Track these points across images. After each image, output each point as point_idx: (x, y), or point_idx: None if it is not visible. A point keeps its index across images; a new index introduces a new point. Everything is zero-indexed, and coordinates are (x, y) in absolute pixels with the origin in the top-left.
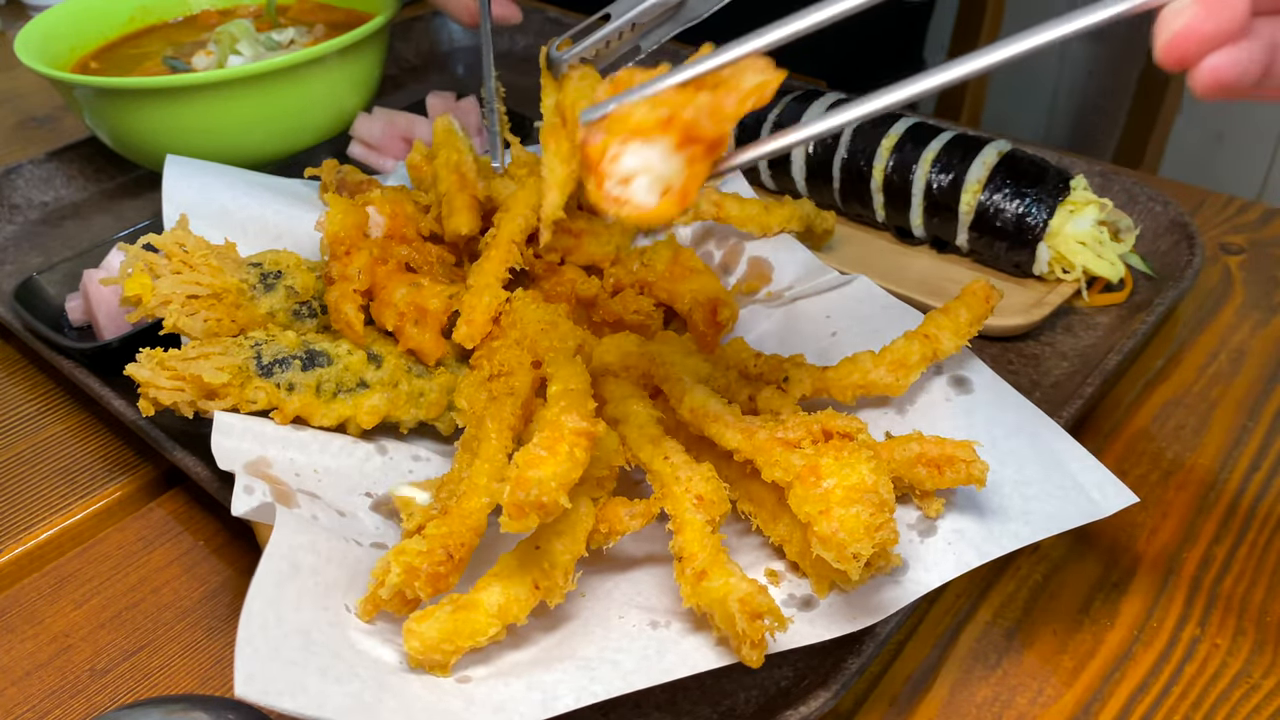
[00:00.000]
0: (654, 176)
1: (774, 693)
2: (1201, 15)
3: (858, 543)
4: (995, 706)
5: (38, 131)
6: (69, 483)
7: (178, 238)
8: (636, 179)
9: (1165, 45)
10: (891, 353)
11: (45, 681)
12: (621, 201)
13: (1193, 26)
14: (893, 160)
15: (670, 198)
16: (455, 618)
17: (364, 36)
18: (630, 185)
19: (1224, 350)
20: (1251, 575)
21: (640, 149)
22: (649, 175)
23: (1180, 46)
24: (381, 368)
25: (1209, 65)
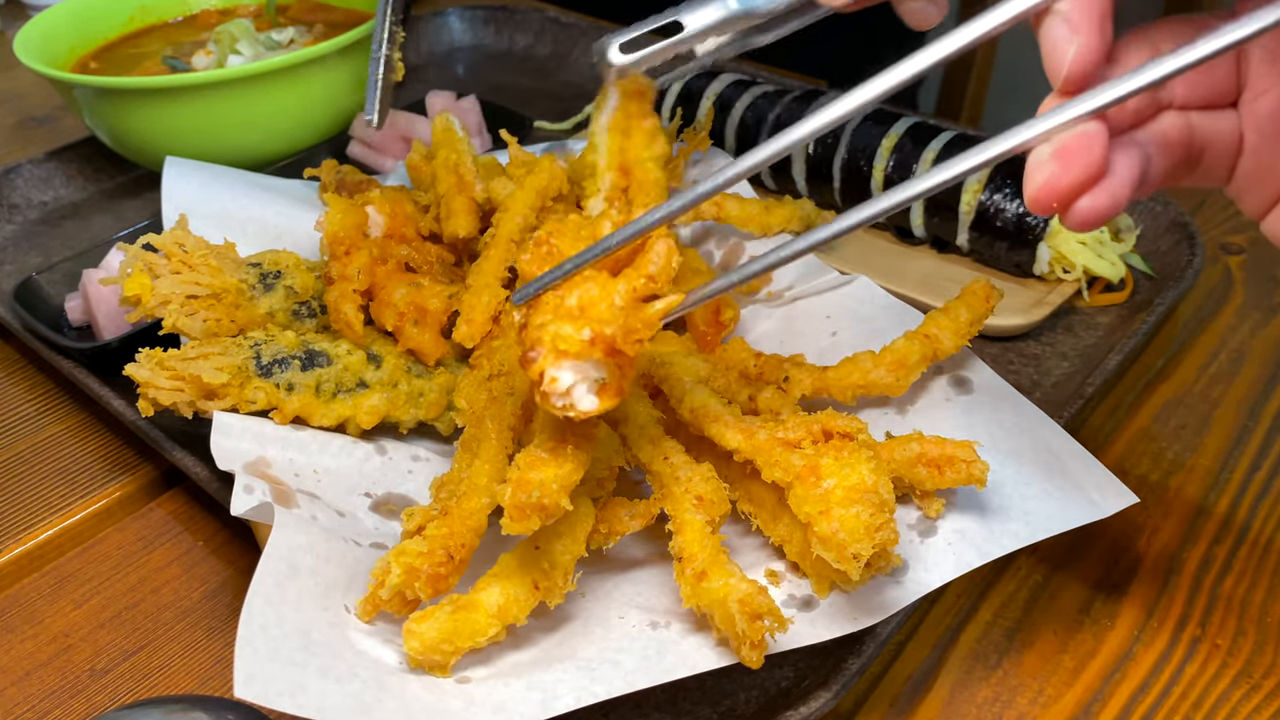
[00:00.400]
0: (590, 382)
1: (774, 693)
2: (1058, 171)
3: (858, 543)
4: (996, 706)
5: (37, 131)
6: (69, 483)
7: (177, 238)
8: (575, 389)
9: (1031, 198)
10: (892, 353)
11: (45, 681)
12: (567, 408)
13: (1051, 183)
14: (893, 160)
15: (607, 394)
16: (455, 618)
17: (364, 36)
18: (571, 395)
19: (1224, 350)
20: (1252, 575)
21: (572, 365)
22: (585, 383)
23: (1044, 199)
24: (381, 368)
25: (1076, 211)
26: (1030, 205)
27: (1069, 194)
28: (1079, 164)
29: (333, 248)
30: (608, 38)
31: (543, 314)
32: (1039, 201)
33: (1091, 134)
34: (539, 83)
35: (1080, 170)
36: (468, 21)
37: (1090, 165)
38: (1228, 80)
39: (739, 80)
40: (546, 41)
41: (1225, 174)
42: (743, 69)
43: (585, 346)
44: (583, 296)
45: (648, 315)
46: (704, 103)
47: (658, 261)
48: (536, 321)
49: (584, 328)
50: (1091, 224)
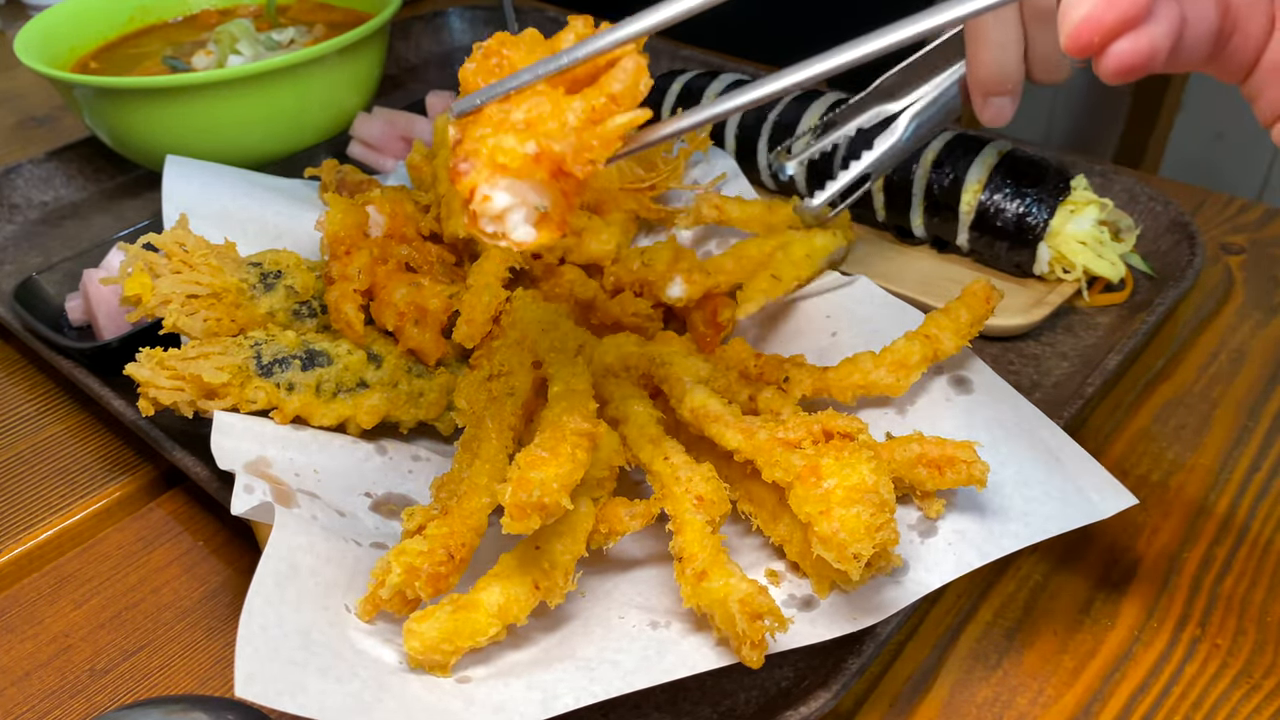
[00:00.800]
0: (528, 209)
1: (774, 693)
2: (1103, 5)
3: (858, 543)
4: (996, 707)
5: (37, 131)
6: (69, 483)
7: (177, 237)
8: (510, 214)
9: (1069, 34)
10: (892, 353)
11: (45, 682)
12: (498, 237)
13: (1093, 15)
14: None
15: (548, 226)
16: (455, 618)
17: (364, 36)
18: (505, 221)
19: (1224, 350)
20: (1252, 575)
21: (511, 185)
22: (523, 209)
23: (1084, 35)
24: (381, 368)
25: (1114, 53)
26: (1068, 42)
27: (1113, 29)
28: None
29: (333, 247)
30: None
31: (482, 126)
32: (1080, 36)
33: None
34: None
35: (1127, 4)
36: (468, 21)
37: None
38: None
39: (739, 80)
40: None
41: (1249, 63)
42: (743, 69)
43: (528, 162)
44: (531, 111)
45: (605, 131)
46: (704, 102)
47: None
48: (474, 133)
49: (528, 140)
50: (1129, 70)
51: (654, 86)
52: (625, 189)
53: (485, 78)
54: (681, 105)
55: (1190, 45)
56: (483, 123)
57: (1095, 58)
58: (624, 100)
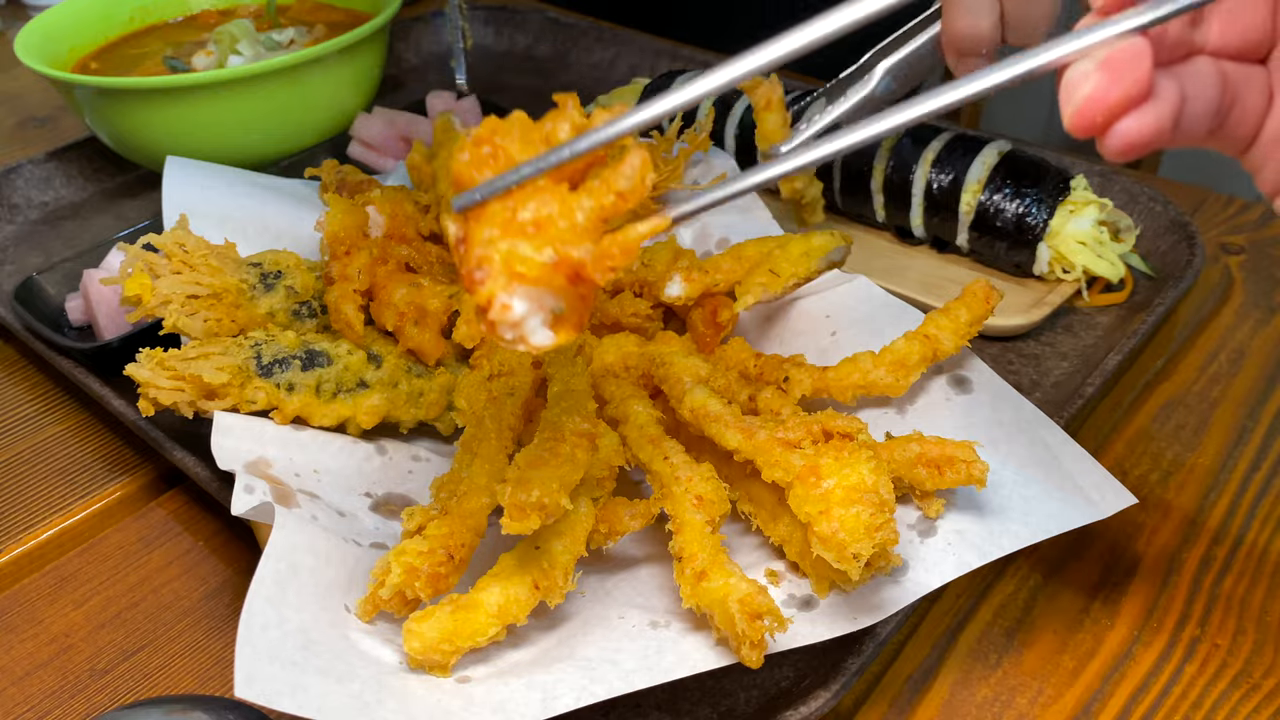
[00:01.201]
0: (546, 313)
1: (774, 693)
2: (1106, 83)
3: (858, 543)
4: (995, 706)
5: (37, 131)
6: (69, 483)
7: (178, 238)
8: (529, 320)
9: (1073, 115)
10: (891, 353)
11: (45, 681)
12: (516, 342)
13: (1097, 95)
14: (893, 160)
15: (565, 327)
16: (455, 618)
17: (364, 36)
18: (523, 326)
19: (1224, 350)
20: (1252, 575)
21: (528, 292)
22: (541, 314)
23: (1088, 115)
24: (381, 368)
25: (1120, 131)
26: (1071, 122)
27: (1116, 109)
28: (1129, 76)
29: (333, 248)
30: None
31: (489, 226)
32: (1083, 116)
33: (1140, 47)
34: (539, 83)
35: (1130, 83)
36: (468, 21)
37: (1140, 79)
38: (1263, 29)
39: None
40: (546, 42)
41: (1250, 136)
42: None
43: (546, 271)
44: (539, 210)
45: (627, 239)
46: (704, 103)
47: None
48: (482, 235)
49: (544, 248)
50: (1134, 148)
51: (653, 86)
52: None
53: (480, 168)
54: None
55: (1191, 121)
56: (488, 221)
57: (1100, 137)
58: (631, 197)
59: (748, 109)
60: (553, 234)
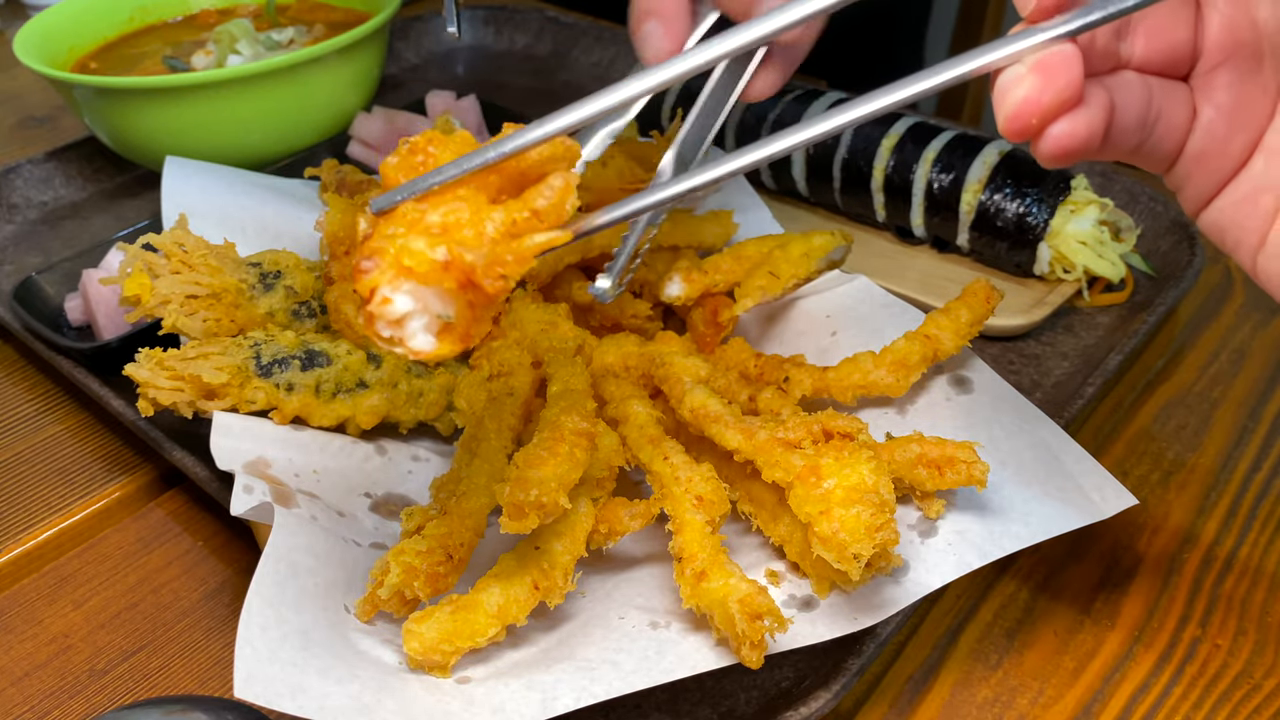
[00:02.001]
0: (431, 317)
1: (774, 693)
2: (1039, 86)
3: (858, 543)
4: (996, 707)
5: (37, 131)
6: (68, 483)
7: (177, 238)
8: (411, 320)
9: (1007, 118)
10: (892, 353)
11: (44, 682)
12: (394, 342)
13: (1031, 98)
14: (893, 160)
15: (450, 337)
16: (455, 619)
17: (363, 36)
18: (404, 327)
19: (1225, 350)
20: (1252, 576)
21: (415, 290)
22: (425, 316)
23: (1022, 118)
24: (381, 368)
25: (1053, 135)
26: (1006, 125)
27: (1049, 112)
28: (1061, 79)
29: (332, 248)
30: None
31: (396, 225)
32: (1017, 118)
33: (1070, 53)
34: (539, 83)
35: (1062, 85)
36: (468, 21)
37: (1072, 82)
38: (1186, 45)
39: None
40: (546, 41)
41: (1174, 152)
42: None
43: (436, 269)
44: (448, 215)
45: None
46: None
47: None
48: (384, 230)
49: (439, 246)
50: (1068, 153)
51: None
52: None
53: (407, 174)
54: (681, 106)
55: (1120, 132)
56: (395, 220)
57: (1033, 141)
58: (548, 217)
59: (747, 108)
60: (458, 238)
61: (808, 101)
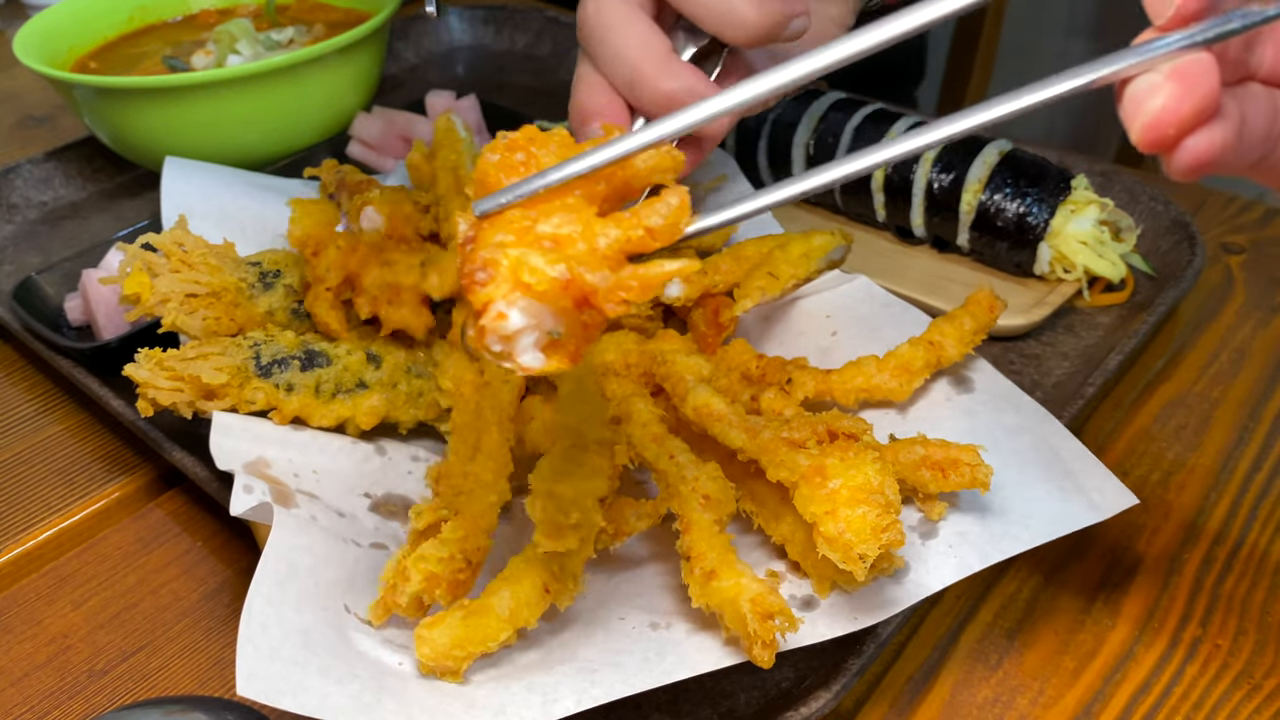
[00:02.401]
0: (542, 334)
1: (775, 694)
2: (1179, 94)
3: (864, 543)
4: (996, 707)
5: (36, 131)
6: (67, 483)
7: (176, 237)
8: (522, 336)
9: (1144, 127)
10: (895, 358)
11: (44, 682)
12: (503, 357)
13: (1170, 108)
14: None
15: (559, 354)
16: (467, 624)
17: (363, 35)
18: (515, 342)
19: (1225, 350)
20: (1253, 576)
21: (529, 305)
22: (535, 333)
23: (1160, 128)
24: (380, 368)
25: (1190, 147)
26: (1142, 136)
27: (1187, 122)
28: (1200, 88)
29: (302, 251)
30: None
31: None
32: (1154, 128)
33: (1208, 62)
34: (539, 82)
35: (1203, 94)
36: (467, 21)
37: (1211, 91)
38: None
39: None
40: (546, 41)
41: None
42: None
43: (555, 288)
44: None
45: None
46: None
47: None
48: (492, 238)
49: (558, 263)
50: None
51: None
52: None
53: (509, 174)
54: None
55: (1246, 146)
56: (502, 226)
57: (1166, 155)
58: (661, 235)
59: None
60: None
61: (808, 101)
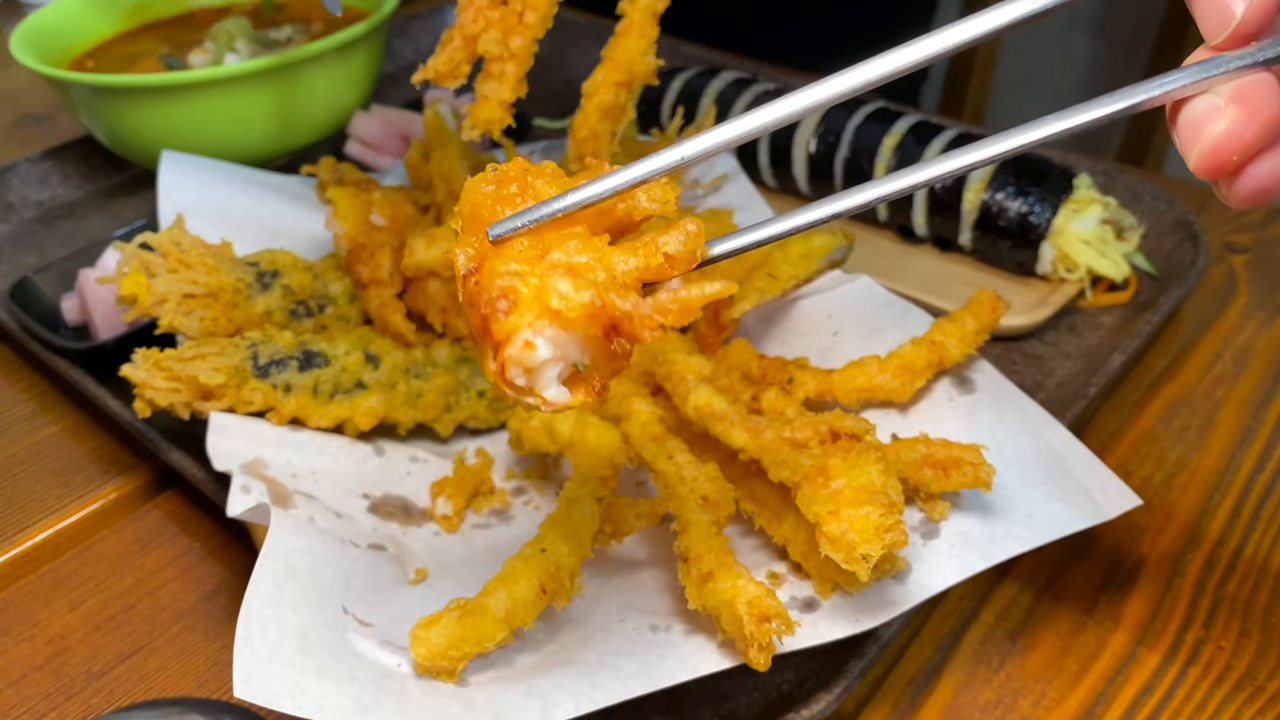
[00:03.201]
0: (566, 366)
1: (776, 696)
2: (1243, 119)
3: (867, 544)
4: (998, 709)
5: (34, 130)
6: (64, 484)
7: (174, 236)
8: (546, 369)
9: (1204, 154)
10: (897, 358)
11: (41, 684)
12: (526, 392)
13: (1234, 133)
14: (895, 159)
15: (585, 389)
16: (463, 624)
17: (361, 34)
18: (538, 376)
19: (1228, 350)
20: (1256, 577)
21: (556, 335)
22: (561, 365)
23: (1221, 155)
24: (379, 369)
25: (1254, 175)
26: (1200, 162)
27: (1252, 147)
28: (1266, 111)
29: (353, 250)
30: None
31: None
32: (1216, 154)
33: (1271, 84)
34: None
35: (1268, 118)
36: None
37: (1276, 115)
38: None
39: (740, 79)
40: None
41: None
42: (744, 67)
43: (584, 314)
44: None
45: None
46: (704, 100)
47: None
48: (502, 267)
49: (586, 289)
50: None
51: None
52: None
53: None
54: (682, 104)
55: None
56: (510, 257)
57: (1226, 182)
58: (680, 264)
59: (748, 106)
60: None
61: None
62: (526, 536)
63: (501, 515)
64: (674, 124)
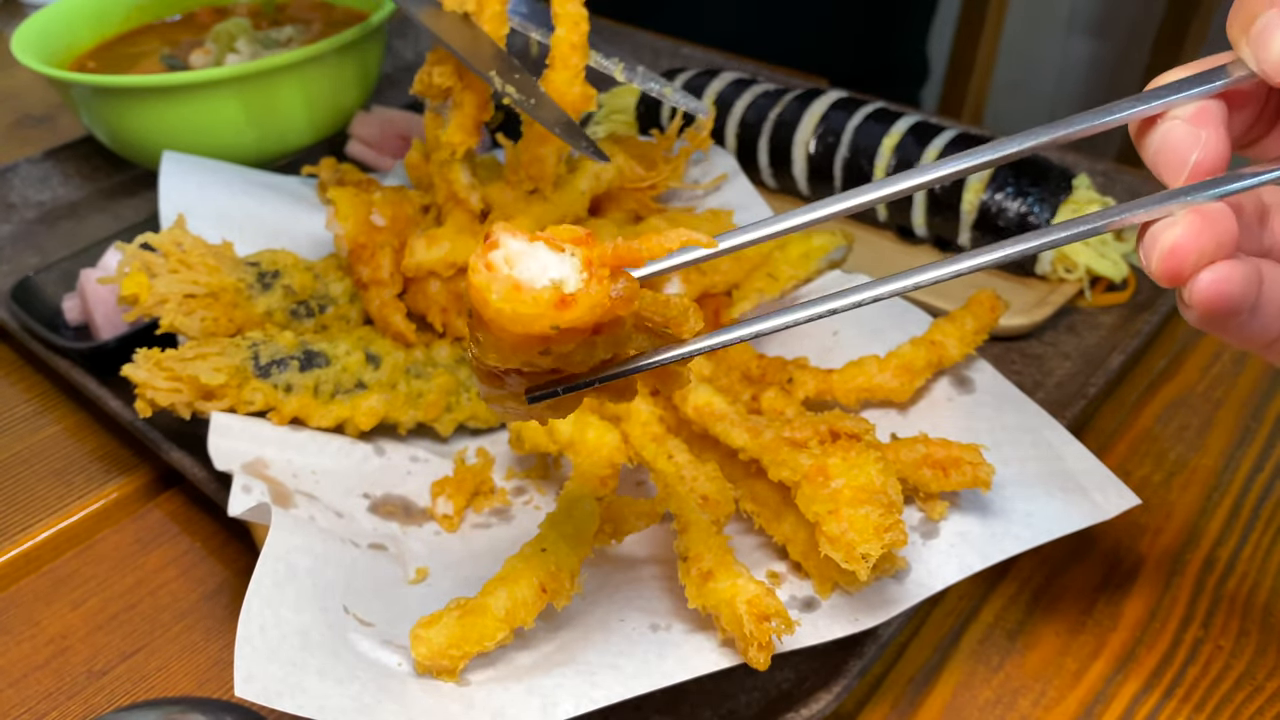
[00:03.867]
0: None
1: (775, 695)
2: (1198, 226)
3: (867, 543)
4: (998, 708)
5: (34, 130)
6: (65, 484)
7: (175, 237)
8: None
9: (1162, 256)
10: (897, 358)
11: (42, 683)
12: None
13: (1190, 236)
14: (894, 159)
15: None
16: (463, 623)
17: (362, 35)
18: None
19: (1227, 350)
20: (1255, 577)
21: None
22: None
23: (1177, 257)
24: (379, 369)
25: (1206, 280)
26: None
27: (1205, 253)
28: (1220, 223)
29: (354, 251)
30: None
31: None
32: (1172, 256)
33: (1225, 207)
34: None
35: (1222, 229)
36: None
37: (1230, 229)
38: None
39: (739, 79)
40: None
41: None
42: (744, 67)
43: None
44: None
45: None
46: (704, 101)
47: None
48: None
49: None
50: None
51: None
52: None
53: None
54: None
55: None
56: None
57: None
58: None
59: (749, 106)
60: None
61: (809, 100)
62: (526, 536)
63: (502, 515)
64: (674, 124)
